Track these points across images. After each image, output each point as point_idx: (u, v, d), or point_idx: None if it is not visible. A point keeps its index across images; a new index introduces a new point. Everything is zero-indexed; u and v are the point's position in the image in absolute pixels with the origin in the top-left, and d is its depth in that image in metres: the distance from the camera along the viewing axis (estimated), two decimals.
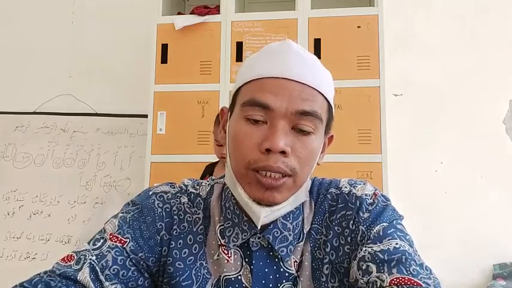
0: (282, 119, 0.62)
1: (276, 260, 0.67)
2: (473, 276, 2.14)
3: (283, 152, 0.61)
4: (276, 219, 0.68)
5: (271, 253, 0.68)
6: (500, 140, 2.26)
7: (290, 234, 0.68)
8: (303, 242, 0.69)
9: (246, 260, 0.68)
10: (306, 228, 0.70)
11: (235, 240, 0.68)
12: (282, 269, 0.67)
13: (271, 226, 0.67)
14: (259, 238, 0.68)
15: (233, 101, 0.69)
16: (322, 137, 0.67)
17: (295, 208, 0.69)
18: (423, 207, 2.21)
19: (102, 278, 0.63)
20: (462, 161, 2.25)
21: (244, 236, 0.68)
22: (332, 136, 0.73)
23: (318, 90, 0.64)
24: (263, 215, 0.63)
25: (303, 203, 0.71)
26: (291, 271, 0.67)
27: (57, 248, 2.44)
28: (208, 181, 0.78)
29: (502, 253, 2.12)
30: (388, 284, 0.56)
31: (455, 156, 2.26)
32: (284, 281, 0.66)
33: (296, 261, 0.68)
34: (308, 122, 0.63)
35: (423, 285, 0.55)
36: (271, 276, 0.66)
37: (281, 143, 0.60)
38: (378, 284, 0.57)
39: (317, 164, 0.69)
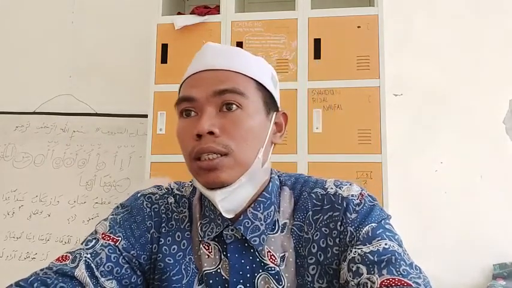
0: (207, 106, 0.66)
1: (251, 250, 0.69)
2: (473, 276, 2.14)
3: (212, 133, 0.65)
4: (246, 210, 0.70)
5: (246, 244, 0.69)
6: (500, 140, 2.26)
7: (262, 224, 0.69)
8: (278, 234, 0.70)
9: (224, 253, 0.70)
10: (281, 220, 0.71)
11: (210, 234, 0.70)
12: (257, 259, 0.68)
13: (242, 217, 0.69)
14: (232, 230, 0.70)
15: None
16: (258, 113, 0.69)
17: (264, 198, 0.71)
18: (423, 207, 2.21)
19: (97, 274, 0.64)
20: (462, 161, 2.25)
21: (218, 229, 0.70)
22: (285, 114, 0.77)
23: (237, 72, 0.68)
24: (218, 199, 0.65)
25: (279, 194, 0.73)
26: (265, 261, 0.68)
27: (57, 248, 2.44)
28: (190, 181, 0.81)
29: (502, 253, 2.12)
30: (378, 286, 0.57)
31: (455, 156, 2.26)
32: (260, 271, 0.68)
33: (270, 252, 0.69)
34: (229, 98, 0.66)
35: (413, 285, 0.56)
36: (247, 267, 0.68)
37: (205, 125, 0.64)
38: (369, 286, 0.58)
39: (273, 143, 0.73)
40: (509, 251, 2.12)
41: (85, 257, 0.65)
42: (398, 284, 0.56)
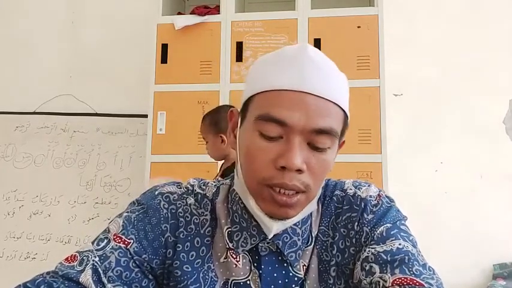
0: (298, 135, 0.60)
1: (285, 264, 0.67)
2: (473, 276, 2.14)
3: (298, 170, 0.60)
4: None
5: (280, 258, 0.67)
6: (500, 140, 2.26)
7: (299, 239, 0.68)
8: (311, 246, 0.69)
9: (255, 264, 0.67)
10: (314, 231, 0.70)
11: (244, 245, 0.67)
12: (291, 274, 0.67)
13: (281, 232, 0.67)
14: (268, 243, 0.67)
15: (245, 107, 0.66)
16: (336, 147, 0.67)
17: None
18: (423, 207, 2.21)
19: (104, 280, 0.62)
20: (462, 161, 2.25)
21: (253, 241, 0.67)
22: (343, 141, 0.72)
23: (334, 103, 0.63)
24: (275, 228, 0.63)
25: None
26: (299, 275, 0.67)
27: (57, 248, 2.44)
28: (214, 182, 0.77)
29: (502, 253, 2.12)
30: (390, 284, 0.56)
31: (455, 156, 2.26)
32: (293, 286, 0.66)
33: (305, 265, 0.67)
34: (324, 139, 0.61)
35: (425, 285, 0.56)
36: (280, 281, 0.66)
37: (298, 162, 0.59)
38: (381, 285, 0.57)
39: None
40: (509, 251, 2.12)
41: (93, 260, 0.63)
42: (411, 283, 0.56)
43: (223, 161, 1.80)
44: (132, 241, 0.66)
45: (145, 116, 2.16)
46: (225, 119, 1.99)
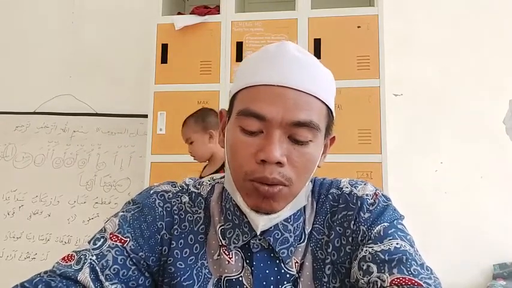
0: (278, 129, 0.61)
1: (277, 261, 0.67)
2: (473, 276, 2.14)
3: (278, 163, 0.61)
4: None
5: (272, 254, 0.67)
6: (500, 140, 2.26)
7: (291, 236, 0.68)
8: (304, 243, 0.69)
9: (247, 261, 0.67)
10: (308, 229, 0.70)
11: (236, 242, 0.68)
12: (283, 270, 0.67)
13: (272, 228, 0.67)
14: (259, 240, 0.68)
15: (230, 105, 0.68)
16: (321, 142, 0.67)
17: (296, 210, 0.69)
18: (423, 207, 2.21)
19: (102, 278, 0.63)
20: (462, 161, 2.25)
21: (245, 237, 0.68)
22: (334, 137, 0.72)
23: (315, 97, 0.63)
24: (261, 224, 0.64)
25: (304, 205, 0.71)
26: (291, 272, 0.67)
27: (57, 248, 2.44)
28: (209, 181, 0.78)
29: (502, 253, 2.12)
30: (388, 284, 0.56)
31: (455, 156, 2.26)
32: (285, 282, 0.66)
33: (297, 262, 0.67)
34: (304, 132, 0.62)
35: (424, 285, 0.56)
36: (272, 278, 0.66)
37: (277, 155, 0.60)
38: (379, 284, 0.57)
39: (318, 166, 0.69)
40: (509, 251, 2.12)
41: (90, 259, 0.63)
42: (409, 283, 0.56)
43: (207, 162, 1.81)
44: (128, 239, 0.67)
45: (145, 116, 2.16)
46: (211, 115, 2.00)
